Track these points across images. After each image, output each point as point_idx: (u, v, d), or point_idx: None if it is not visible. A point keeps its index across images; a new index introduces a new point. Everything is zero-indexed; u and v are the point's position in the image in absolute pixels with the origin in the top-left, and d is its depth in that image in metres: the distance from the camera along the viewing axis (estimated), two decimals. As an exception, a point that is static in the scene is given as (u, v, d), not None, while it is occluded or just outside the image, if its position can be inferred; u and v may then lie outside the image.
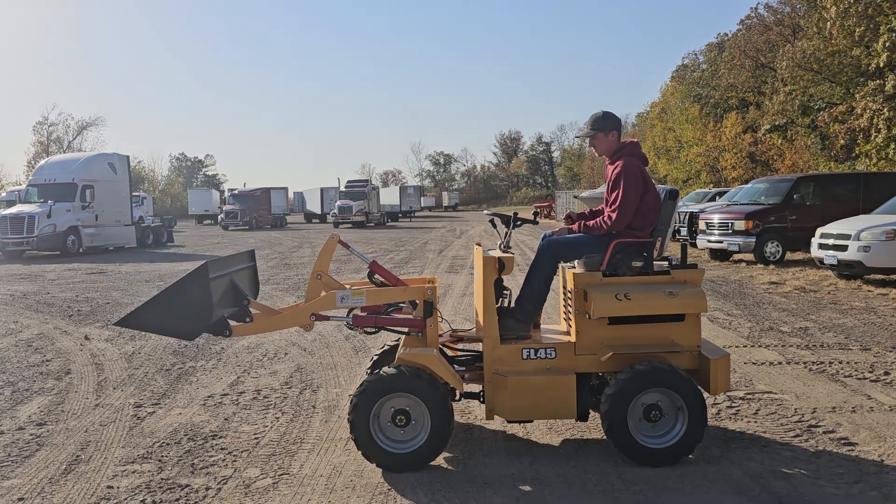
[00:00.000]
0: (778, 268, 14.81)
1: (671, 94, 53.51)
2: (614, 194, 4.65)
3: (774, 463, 4.32)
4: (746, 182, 25.76)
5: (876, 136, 19.98)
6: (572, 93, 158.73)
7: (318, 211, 56.43)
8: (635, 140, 4.94)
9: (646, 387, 4.28)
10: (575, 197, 45.09)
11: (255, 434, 5.07)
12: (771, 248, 15.61)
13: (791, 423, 5.06)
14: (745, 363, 6.77)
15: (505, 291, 4.76)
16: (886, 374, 6.32)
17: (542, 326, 5.01)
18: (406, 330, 4.81)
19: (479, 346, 4.88)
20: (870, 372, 6.40)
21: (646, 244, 4.64)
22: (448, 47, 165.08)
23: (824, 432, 4.87)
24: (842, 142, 23.23)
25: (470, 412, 5.41)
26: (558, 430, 4.99)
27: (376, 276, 4.96)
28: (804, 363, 6.75)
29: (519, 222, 4.96)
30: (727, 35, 46.34)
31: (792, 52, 28.20)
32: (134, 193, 30.35)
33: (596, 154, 4.99)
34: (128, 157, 27.32)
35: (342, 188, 48.25)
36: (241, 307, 4.82)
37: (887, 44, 19.48)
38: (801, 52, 27.04)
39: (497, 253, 4.79)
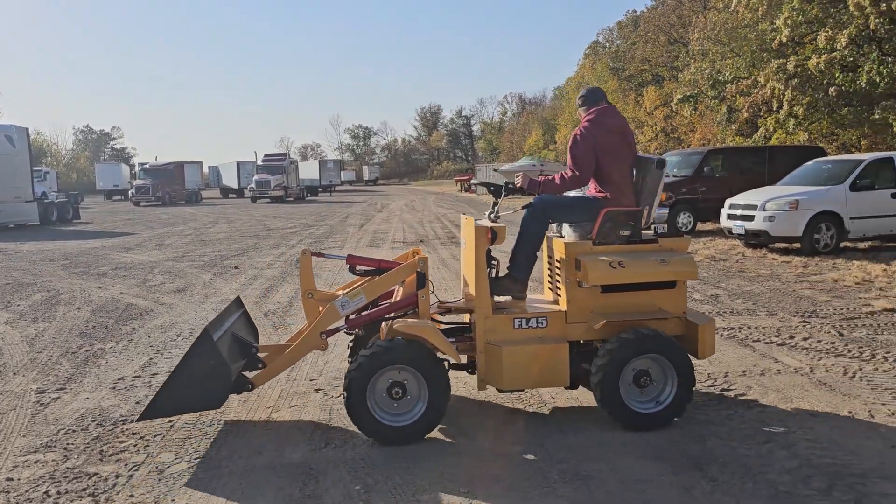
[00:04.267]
0: (690, 238, 15.29)
1: (588, 69, 54.35)
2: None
3: (690, 427, 4.45)
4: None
5: (778, 113, 20.79)
6: (492, 67, 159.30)
7: (235, 185, 54.87)
8: (602, 107, 4.84)
9: (638, 353, 4.36)
10: (495, 170, 45.37)
11: (168, 418, 4.86)
12: (683, 218, 16.12)
13: (705, 388, 5.23)
14: (660, 331, 6.94)
15: (493, 262, 4.72)
16: (791, 337, 6.61)
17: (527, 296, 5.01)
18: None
19: (464, 317, 4.94)
20: (776, 336, 6.68)
21: (634, 213, 4.70)
22: (365, 19, 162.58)
23: (735, 396, 5.06)
24: (745, 115, 24.06)
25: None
26: (480, 401, 4.99)
27: (358, 267, 4.88)
28: (715, 329, 6.98)
29: (506, 193, 4.89)
30: (636, 12, 47.38)
31: (703, 23, 28.97)
32: (35, 168, 28.71)
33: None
34: (27, 129, 25.75)
35: (259, 162, 47.02)
36: (251, 356, 4.83)
37: (788, 21, 20.22)
38: (712, 24, 27.80)
39: (487, 223, 4.73)
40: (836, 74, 18.86)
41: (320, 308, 4.78)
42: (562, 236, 4.91)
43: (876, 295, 8.49)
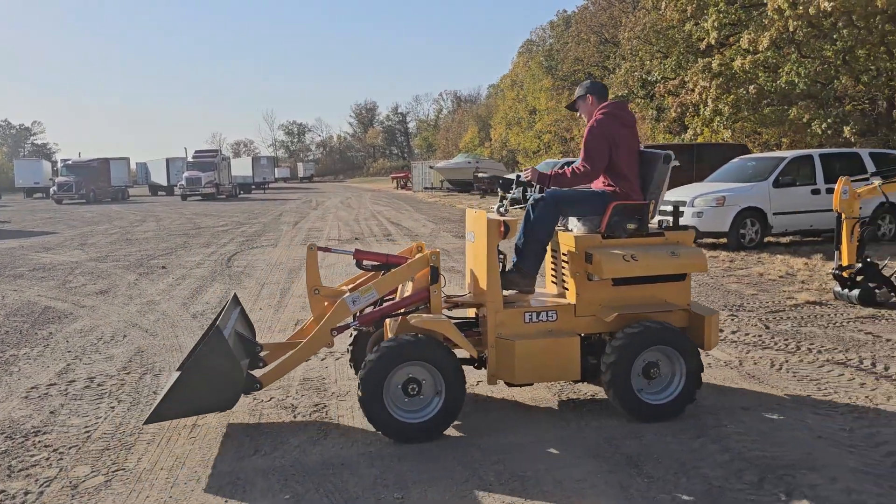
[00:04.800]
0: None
1: (522, 67, 54.89)
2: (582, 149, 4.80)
3: (626, 424, 4.43)
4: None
5: (704, 110, 21.39)
6: (427, 64, 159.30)
7: (164, 183, 53.26)
8: (615, 101, 4.91)
9: (650, 344, 4.35)
10: (430, 167, 45.32)
11: (85, 427, 4.60)
12: (616, 215, 16.33)
13: (638, 383, 5.24)
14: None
15: (500, 255, 4.63)
16: (720, 331, 6.73)
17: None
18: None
19: (469, 312, 4.90)
20: (706, 330, 6.78)
21: (641, 207, 4.69)
22: (300, 15, 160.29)
23: (668, 390, 5.08)
24: (673, 114, 24.69)
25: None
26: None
27: (365, 262, 4.76)
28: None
29: (516, 187, 4.81)
30: (566, 11, 48.12)
31: (633, 23, 29.65)
32: (-54, 164, 27.21)
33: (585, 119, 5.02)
34: (-64, 123, 24.37)
35: (190, 159, 45.80)
36: (254, 355, 4.65)
37: (715, 23, 20.83)
38: (641, 25, 28.47)
39: (497, 216, 4.63)
40: (760, 75, 19.51)
41: (325, 304, 4.68)
42: (568, 230, 4.89)
43: (798, 288, 8.77)
